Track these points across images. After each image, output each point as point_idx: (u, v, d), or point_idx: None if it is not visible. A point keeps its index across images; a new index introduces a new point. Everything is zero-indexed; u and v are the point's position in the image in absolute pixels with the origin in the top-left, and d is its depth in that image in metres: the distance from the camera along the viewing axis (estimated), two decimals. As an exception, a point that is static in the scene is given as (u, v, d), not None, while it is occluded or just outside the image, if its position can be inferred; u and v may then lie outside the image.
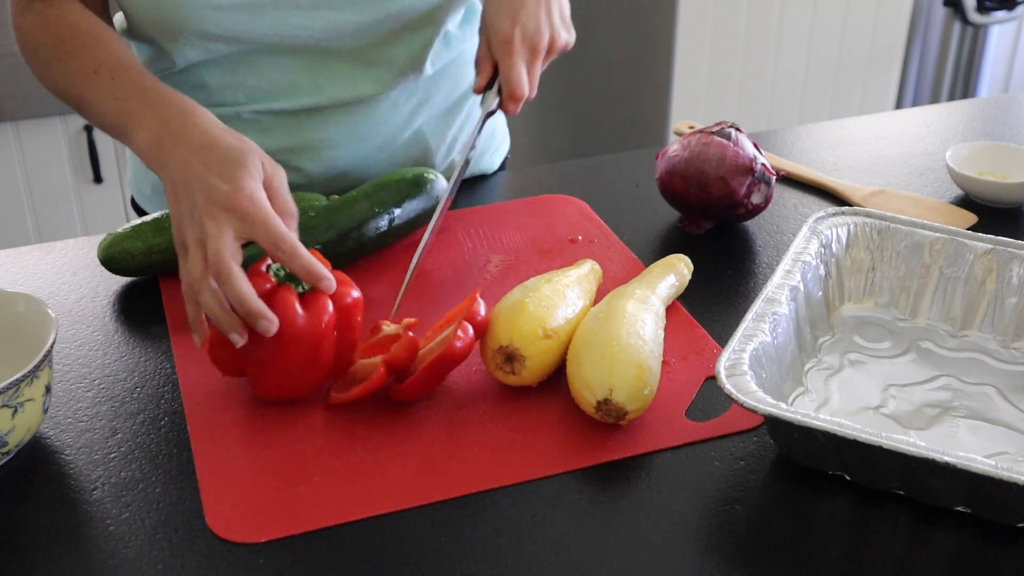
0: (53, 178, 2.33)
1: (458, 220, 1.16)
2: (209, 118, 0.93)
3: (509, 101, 1.04)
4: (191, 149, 0.89)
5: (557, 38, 1.06)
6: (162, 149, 0.91)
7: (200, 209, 0.85)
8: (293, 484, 0.81)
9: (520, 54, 1.03)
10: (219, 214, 0.85)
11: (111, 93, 0.97)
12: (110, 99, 0.97)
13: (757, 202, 1.11)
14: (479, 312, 0.88)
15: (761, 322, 0.86)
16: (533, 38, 1.03)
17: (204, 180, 0.86)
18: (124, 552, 0.76)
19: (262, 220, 0.84)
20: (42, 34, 1.04)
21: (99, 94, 0.98)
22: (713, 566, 0.74)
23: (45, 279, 1.08)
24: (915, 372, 0.92)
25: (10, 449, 0.82)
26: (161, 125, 0.92)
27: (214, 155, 0.88)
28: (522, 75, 1.03)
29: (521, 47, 1.03)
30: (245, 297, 0.82)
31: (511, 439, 0.85)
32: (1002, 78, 3.02)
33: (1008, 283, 0.96)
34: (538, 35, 1.04)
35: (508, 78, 1.03)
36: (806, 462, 0.81)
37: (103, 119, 0.98)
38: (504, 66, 1.03)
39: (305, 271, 0.84)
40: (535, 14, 1.04)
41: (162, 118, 0.93)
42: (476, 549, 0.76)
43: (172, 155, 0.90)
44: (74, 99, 1.02)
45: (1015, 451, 0.84)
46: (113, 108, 0.97)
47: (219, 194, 0.85)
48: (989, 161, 1.24)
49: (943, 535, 0.77)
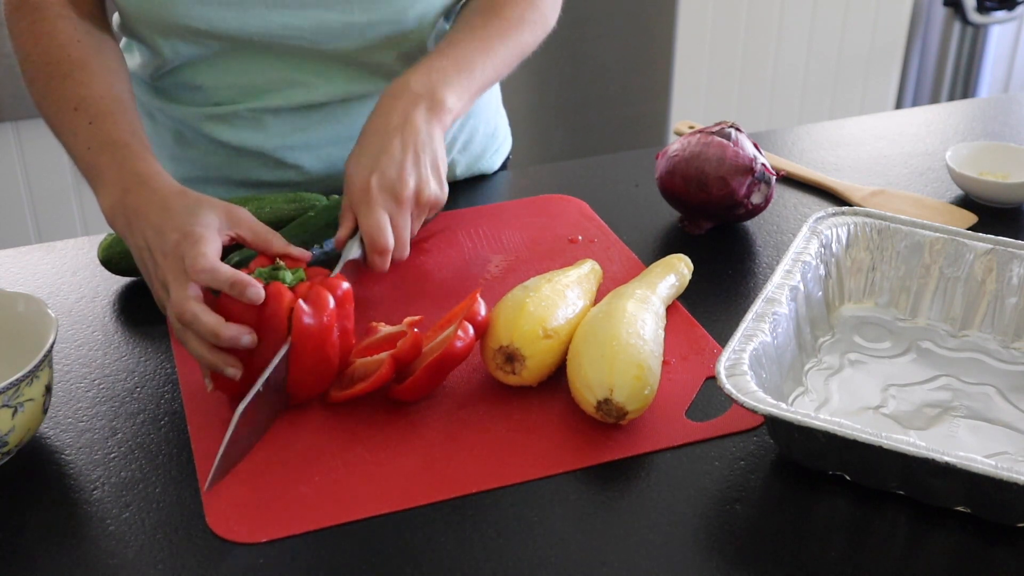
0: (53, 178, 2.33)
1: (457, 220, 1.16)
2: (164, 183, 0.93)
3: (372, 254, 0.94)
4: (148, 221, 0.90)
5: (424, 188, 0.96)
6: (125, 219, 0.92)
7: (160, 267, 0.88)
8: (293, 484, 0.81)
9: (379, 203, 0.94)
10: (174, 263, 0.86)
11: (84, 140, 0.97)
12: (83, 146, 0.97)
13: (757, 202, 1.11)
14: (479, 312, 0.88)
15: (761, 322, 0.86)
16: (394, 187, 0.94)
17: (160, 243, 0.88)
18: (124, 552, 0.76)
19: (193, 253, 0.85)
20: (32, 48, 1.03)
21: (74, 136, 0.98)
22: (713, 566, 0.74)
23: (45, 279, 1.08)
24: (915, 372, 0.92)
25: (10, 449, 0.82)
26: (121, 194, 0.93)
27: (165, 218, 0.89)
28: (382, 224, 0.93)
29: (380, 196, 0.94)
30: (215, 329, 0.83)
31: (511, 439, 0.85)
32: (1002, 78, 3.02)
33: (1008, 283, 0.96)
34: (400, 183, 0.94)
35: (365, 229, 0.94)
36: (806, 462, 0.81)
37: (75, 161, 0.99)
38: (360, 215, 0.94)
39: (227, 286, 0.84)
40: (397, 162, 0.95)
41: (123, 185, 0.93)
42: (476, 549, 0.76)
43: (132, 227, 0.91)
44: (53, 128, 1.01)
45: (1015, 451, 0.84)
46: (84, 157, 0.97)
47: (171, 244, 0.87)
48: (989, 161, 1.24)
49: (943, 535, 0.77)
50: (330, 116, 1.16)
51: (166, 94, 1.17)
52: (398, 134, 0.97)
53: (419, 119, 0.98)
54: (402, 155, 0.96)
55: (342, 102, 1.15)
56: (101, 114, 0.98)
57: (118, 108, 0.99)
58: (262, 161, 1.17)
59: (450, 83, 1.01)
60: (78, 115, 0.98)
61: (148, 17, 1.07)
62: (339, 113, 1.16)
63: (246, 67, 1.11)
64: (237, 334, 0.83)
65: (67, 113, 0.98)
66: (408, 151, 0.96)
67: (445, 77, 1.01)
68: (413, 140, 0.97)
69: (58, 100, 1.00)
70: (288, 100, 1.13)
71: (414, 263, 1.08)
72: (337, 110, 1.15)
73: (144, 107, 1.20)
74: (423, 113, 0.98)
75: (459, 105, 1.02)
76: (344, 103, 1.15)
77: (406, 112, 0.98)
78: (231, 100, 1.14)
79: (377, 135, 0.97)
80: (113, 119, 0.97)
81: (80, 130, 0.97)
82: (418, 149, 0.96)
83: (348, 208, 0.97)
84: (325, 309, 0.85)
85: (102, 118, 0.97)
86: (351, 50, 1.11)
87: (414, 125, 0.97)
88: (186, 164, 1.20)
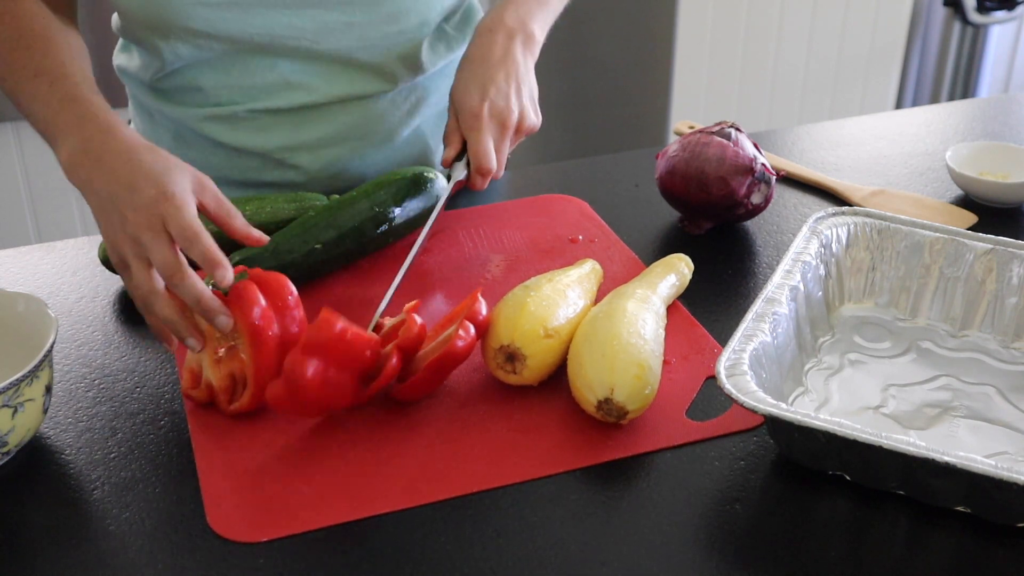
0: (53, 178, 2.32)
1: (458, 220, 1.16)
2: (130, 136, 0.92)
3: (476, 175, 1.03)
4: (113, 172, 0.88)
5: (526, 117, 1.06)
6: (84, 169, 0.90)
7: (131, 223, 0.86)
8: (293, 484, 0.81)
9: (488, 128, 1.03)
10: (151, 221, 0.85)
11: (45, 99, 0.96)
12: (42, 105, 0.96)
13: (757, 202, 1.11)
14: (480, 311, 0.88)
15: (761, 322, 0.86)
16: (502, 113, 1.03)
17: (129, 197, 0.86)
18: (124, 552, 0.76)
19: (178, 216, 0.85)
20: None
21: (34, 98, 0.97)
22: (713, 566, 0.74)
23: (45, 279, 1.08)
24: (915, 372, 0.92)
25: (10, 449, 0.82)
26: (82, 143, 0.91)
27: (137, 173, 0.88)
28: (489, 149, 1.03)
29: (490, 122, 1.03)
30: (200, 294, 0.83)
31: (511, 439, 0.85)
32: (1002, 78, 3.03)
33: (1008, 283, 0.96)
34: (507, 111, 1.04)
35: (475, 152, 1.03)
36: (806, 462, 0.81)
37: (35, 124, 0.97)
38: (471, 140, 1.03)
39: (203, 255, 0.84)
40: (505, 91, 1.04)
41: (84, 135, 0.91)
42: (476, 549, 0.76)
43: (94, 177, 0.89)
44: (13, 98, 1.00)
45: (1015, 451, 0.84)
46: (44, 115, 0.95)
47: (145, 200, 0.86)
48: (989, 161, 1.24)
49: (943, 535, 0.77)
50: (330, 117, 1.15)
51: (166, 95, 1.17)
52: (502, 66, 1.05)
53: (518, 52, 1.07)
54: (506, 86, 1.04)
55: (342, 103, 1.15)
56: (62, 76, 0.97)
57: (79, 73, 0.98)
58: (262, 162, 1.17)
59: (535, 17, 1.11)
60: (39, 80, 0.97)
61: (149, 19, 1.07)
62: (339, 114, 1.16)
63: (246, 68, 1.11)
64: (220, 309, 0.84)
65: (28, 81, 0.97)
66: (511, 82, 1.05)
67: (530, 11, 1.11)
68: (515, 72, 1.06)
69: (19, 69, 0.99)
70: (288, 101, 1.13)
71: (414, 263, 1.08)
72: (337, 111, 1.15)
73: (144, 107, 1.20)
74: (519, 46, 1.07)
75: (543, 36, 1.12)
76: (344, 104, 1.15)
77: (506, 45, 1.07)
78: (231, 101, 1.14)
79: (482, 66, 1.06)
80: (73, 80, 0.97)
81: (40, 93, 0.96)
82: (519, 81, 1.06)
83: (455, 131, 1.06)
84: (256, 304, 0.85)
85: (63, 79, 0.97)
86: (351, 50, 1.11)
87: (514, 58, 1.06)
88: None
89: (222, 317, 0.84)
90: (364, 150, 1.19)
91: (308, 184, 1.19)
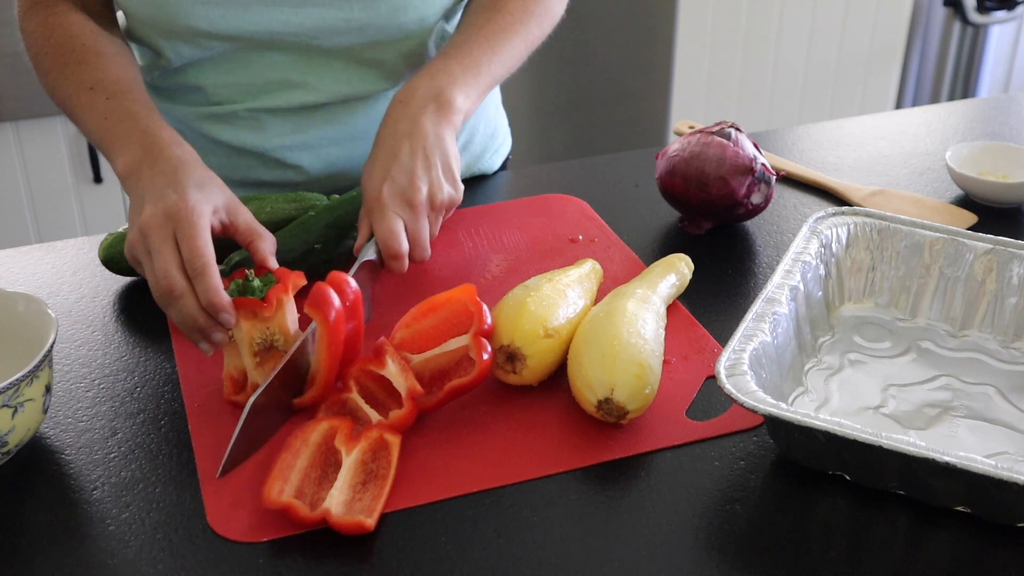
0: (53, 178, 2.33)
1: (458, 220, 1.16)
2: (186, 152, 0.94)
3: (388, 259, 0.96)
4: (162, 173, 0.91)
5: (437, 192, 0.97)
6: (139, 175, 0.92)
7: (144, 217, 0.87)
8: (293, 484, 0.81)
9: (392, 210, 0.95)
10: (163, 222, 0.86)
11: (102, 112, 0.98)
12: (100, 118, 0.98)
13: (757, 202, 1.11)
14: (486, 320, 0.87)
15: (761, 322, 0.86)
16: (406, 192, 0.96)
17: (156, 197, 0.89)
18: (124, 552, 0.76)
19: (190, 231, 0.86)
20: (44, 42, 1.06)
21: (91, 111, 0.99)
22: (713, 566, 0.74)
23: (45, 279, 1.08)
24: (915, 372, 0.92)
25: (10, 449, 0.82)
26: (142, 152, 0.94)
27: (178, 175, 0.90)
28: (394, 230, 0.95)
29: (392, 203, 0.95)
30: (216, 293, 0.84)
31: (512, 438, 0.85)
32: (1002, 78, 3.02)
33: (1008, 283, 0.96)
34: (412, 189, 0.96)
35: (379, 236, 0.95)
36: (806, 462, 0.81)
37: (91, 135, 1.00)
38: (374, 223, 0.96)
39: (205, 296, 0.85)
40: (408, 167, 0.96)
41: (144, 146, 0.94)
42: (476, 549, 0.76)
43: (145, 179, 0.92)
44: (68, 110, 1.03)
45: (1015, 451, 0.84)
46: (101, 127, 0.98)
47: (167, 203, 0.87)
48: (989, 161, 1.24)
49: (943, 535, 0.77)
50: (330, 116, 1.16)
51: (166, 94, 1.17)
52: (407, 140, 0.98)
53: (427, 123, 0.99)
54: (411, 161, 0.97)
55: (342, 102, 1.15)
56: (118, 92, 1.00)
57: (135, 88, 1.01)
58: (262, 161, 1.18)
59: (457, 83, 1.02)
60: (95, 94, 1.00)
61: (150, 19, 1.08)
62: (339, 113, 1.16)
63: (246, 67, 1.11)
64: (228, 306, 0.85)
65: (83, 93, 1.00)
66: (417, 156, 0.97)
67: (452, 78, 1.02)
68: (422, 144, 0.98)
69: (74, 83, 1.01)
70: (288, 100, 1.13)
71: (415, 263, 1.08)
72: (337, 110, 1.15)
73: (144, 106, 1.20)
74: (431, 116, 0.99)
75: (468, 104, 1.03)
76: (344, 103, 1.15)
77: (414, 117, 0.99)
78: (231, 100, 1.14)
79: (387, 143, 0.99)
80: (131, 96, 1.00)
81: (97, 106, 0.99)
82: (428, 152, 0.97)
83: (364, 216, 0.98)
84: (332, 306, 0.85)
85: (120, 96, 0.99)
86: (351, 47, 1.11)
87: (422, 129, 0.98)
88: (186, 164, 1.20)
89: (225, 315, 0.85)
90: (364, 150, 1.18)
91: (308, 184, 1.19)
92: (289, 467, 0.79)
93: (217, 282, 0.85)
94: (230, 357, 0.88)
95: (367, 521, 0.75)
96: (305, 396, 0.88)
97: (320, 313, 0.85)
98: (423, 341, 0.89)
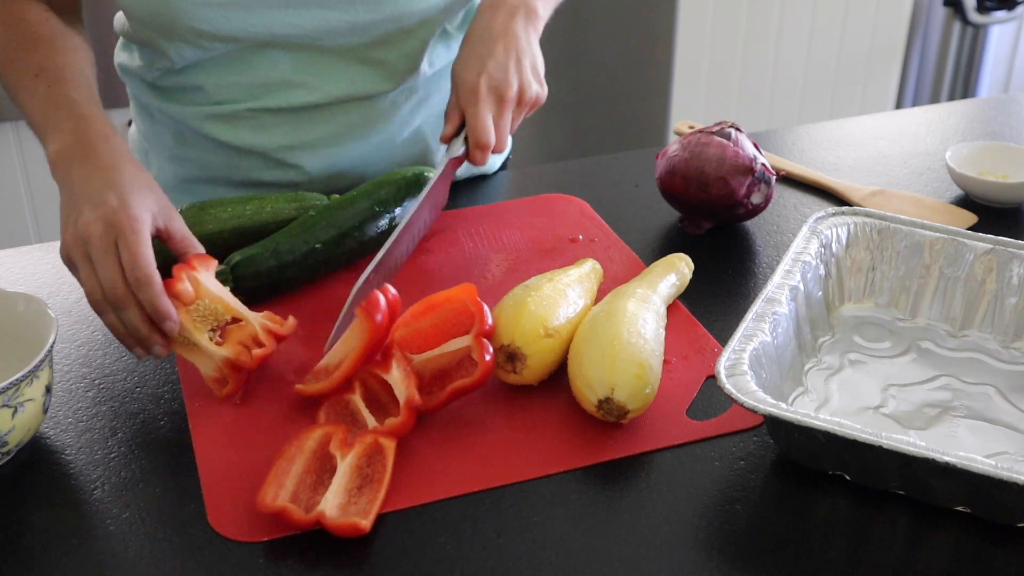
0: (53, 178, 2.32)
1: (458, 220, 1.16)
2: (119, 147, 0.94)
3: (475, 150, 1.03)
4: (96, 168, 0.90)
5: (527, 89, 1.05)
6: (70, 164, 0.92)
7: (83, 223, 0.87)
8: (293, 484, 0.81)
9: (486, 103, 1.03)
10: (104, 230, 0.86)
11: (43, 97, 0.98)
12: (40, 103, 0.98)
13: (757, 202, 1.11)
14: (487, 320, 0.87)
15: (761, 322, 0.86)
16: (500, 87, 1.03)
17: (94, 199, 0.88)
18: (124, 552, 0.76)
19: (133, 239, 0.85)
20: (2, 30, 1.05)
21: (33, 96, 0.99)
22: (713, 566, 0.74)
23: (45, 279, 1.08)
24: (915, 372, 0.92)
25: (10, 449, 0.82)
26: (75, 140, 0.93)
27: (115, 176, 0.90)
28: (487, 124, 1.02)
29: (487, 96, 1.03)
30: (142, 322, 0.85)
31: (512, 438, 0.85)
32: (1002, 78, 3.02)
33: (1008, 283, 0.96)
34: (505, 84, 1.03)
35: (473, 127, 1.03)
36: (806, 462, 0.81)
37: (30, 119, 0.99)
38: (469, 114, 1.03)
39: (151, 304, 0.85)
40: (503, 64, 1.04)
41: (78, 134, 0.94)
42: (476, 549, 0.76)
43: (77, 171, 0.91)
44: (13, 96, 1.02)
45: (1015, 451, 0.84)
46: (40, 112, 0.98)
47: (106, 209, 0.87)
48: (989, 161, 1.24)
49: (943, 535, 0.77)
50: (330, 116, 1.16)
51: (167, 94, 1.17)
52: (501, 40, 1.05)
53: (519, 26, 1.07)
54: (505, 59, 1.04)
55: (342, 102, 1.15)
56: (61, 80, 0.99)
57: (79, 78, 1.01)
58: (262, 161, 1.17)
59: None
60: (38, 80, 0.99)
61: (153, 20, 1.07)
62: (339, 113, 1.16)
63: (247, 67, 1.11)
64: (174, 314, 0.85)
65: (28, 79, 1.00)
66: (511, 55, 1.04)
67: None
68: (515, 46, 1.05)
69: (21, 68, 1.01)
70: (288, 101, 1.13)
71: (414, 263, 1.08)
72: (338, 110, 1.15)
73: (144, 107, 1.20)
74: (521, 21, 1.07)
75: (546, 13, 1.12)
76: (345, 103, 1.15)
77: (506, 21, 1.07)
78: (231, 100, 1.14)
79: (483, 42, 1.06)
80: (74, 85, 0.99)
81: (39, 92, 0.99)
82: (520, 54, 1.05)
83: (454, 107, 1.05)
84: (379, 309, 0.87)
85: (62, 83, 0.99)
86: (354, 48, 1.11)
87: (514, 31, 1.06)
88: (186, 164, 1.20)
89: (169, 323, 0.85)
90: (364, 150, 1.19)
91: (308, 184, 1.19)
92: (284, 473, 0.79)
93: (162, 290, 0.85)
94: (199, 360, 0.89)
95: (362, 523, 0.75)
96: (316, 386, 0.88)
97: (367, 313, 0.86)
98: (421, 340, 0.89)
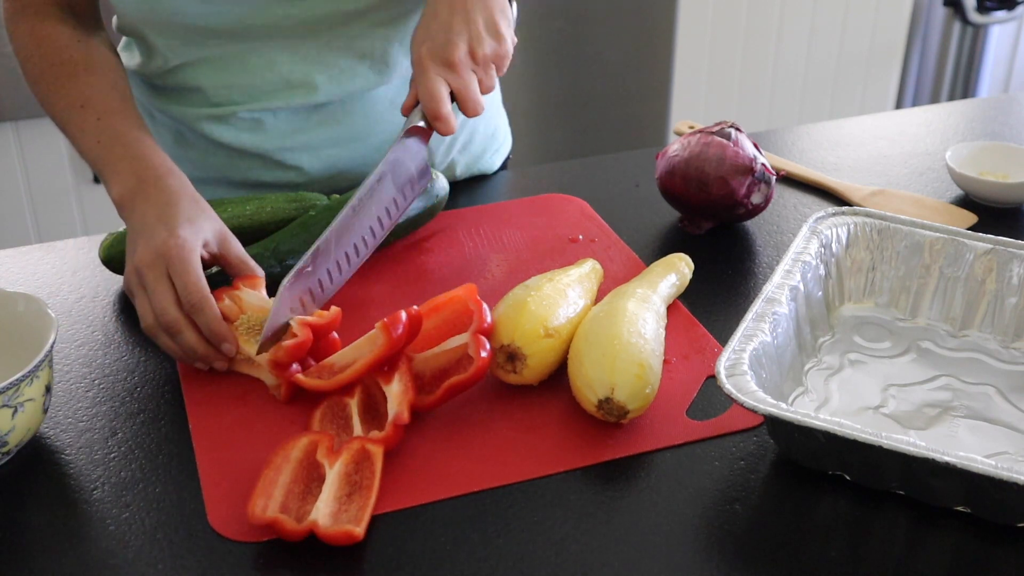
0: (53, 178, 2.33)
1: (458, 220, 1.16)
2: (181, 181, 0.97)
3: (431, 120, 0.97)
4: (152, 206, 0.94)
5: (477, 47, 0.96)
6: (132, 205, 0.95)
7: (138, 255, 0.91)
8: (293, 484, 0.81)
9: (433, 70, 0.96)
10: (154, 260, 0.90)
11: (94, 134, 1.01)
12: (93, 140, 1.01)
13: (757, 202, 1.11)
14: (486, 319, 0.87)
15: (761, 322, 0.86)
16: (444, 50, 0.96)
17: (148, 233, 0.92)
18: (124, 552, 0.76)
19: (182, 267, 0.89)
20: (34, 49, 1.07)
21: (83, 131, 1.02)
22: (713, 566, 0.74)
23: (45, 279, 1.08)
24: (915, 372, 0.92)
25: (10, 449, 0.82)
26: (136, 182, 0.96)
27: (168, 210, 0.93)
28: (434, 92, 0.95)
29: (431, 63, 0.96)
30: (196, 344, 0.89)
31: (512, 438, 0.85)
32: (1002, 78, 3.03)
33: (1008, 283, 0.96)
34: (449, 46, 0.96)
35: (421, 97, 0.97)
36: (806, 462, 0.81)
37: (86, 156, 1.02)
38: (418, 85, 0.97)
39: (207, 328, 0.88)
40: (445, 26, 0.96)
41: (137, 175, 0.97)
42: (476, 549, 0.76)
43: (137, 211, 0.94)
44: (61, 127, 1.05)
45: (1015, 451, 0.84)
46: (95, 150, 1.00)
47: (156, 240, 0.90)
48: (989, 161, 1.24)
49: (943, 535, 0.77)
50: (330, 117, 1.15)
51: (166, 94, 1.17)
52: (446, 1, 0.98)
53: None
54: (449, 17, 0.97)
55: (342, 102, 1.15)
56: (108, 111, 1.02)
57: (123, 105, 1.03)
58: (262, 162, 1.17)
59: None
60: (85, 112, 1.02)
61: (144, 16, 1.08)
62: (339, 113, 1.16)
63: (245, 67, 1.11)
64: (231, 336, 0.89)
65: (74, 111, 1.03)
66: (456, 13, 0.97)
67: None
68: (462, 3, 0.97)
69: (65, 98, 1.04)
70: (287, 101, 1.13)
71: (414, 263, 1.08)
72: (337, 110, 1.15)
73: (144, 107, 1.20)
74: None
75: None
76: (344, 103, 1.15)
77: None
78: (230, 101, 1.14)
79: (430, 7, 0.99)
80: (122, 115, 1.02)
81: (88, 126, 1.01)
82: (469, 11, 0.97)
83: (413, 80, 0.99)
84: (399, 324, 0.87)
85: (110, 115, 1.02)
86: (347, 38, 1.11)
87: None
88: (186, 164, 1.20)
89: (227, 344, 0.89)
90: (364, 150, 1.19)
91: (308, 184, 1.19)
92: (272, 483, 0.78)
93: (217, 313, 0.88)
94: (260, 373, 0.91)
95: (356, 530, 0.75)
96: (315, 382, 0.88)
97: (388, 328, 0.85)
98: (425, 342, 0.89)
